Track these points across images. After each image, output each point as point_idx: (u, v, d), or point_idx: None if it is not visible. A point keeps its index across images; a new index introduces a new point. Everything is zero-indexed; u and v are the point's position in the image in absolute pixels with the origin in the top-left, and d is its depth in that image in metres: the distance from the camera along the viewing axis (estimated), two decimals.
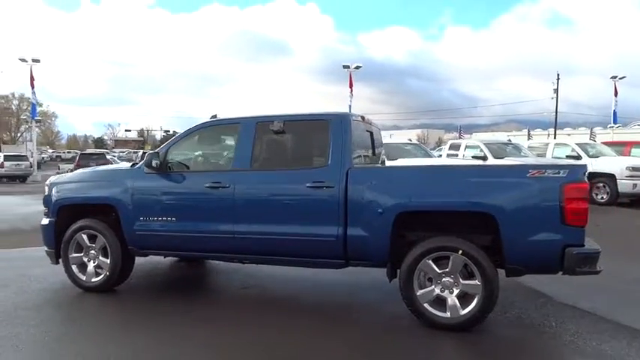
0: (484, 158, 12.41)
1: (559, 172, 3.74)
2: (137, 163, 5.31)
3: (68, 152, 61.97)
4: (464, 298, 3.94)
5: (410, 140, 15.60)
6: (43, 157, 47.85)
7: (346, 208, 4.17)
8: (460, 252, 3.87)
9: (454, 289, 3.96)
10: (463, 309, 3.91)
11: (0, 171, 25.08)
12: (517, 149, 13.50)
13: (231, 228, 4.51)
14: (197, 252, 4.88)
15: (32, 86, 29.86)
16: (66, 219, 5.14)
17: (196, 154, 5.06)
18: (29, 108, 49.77)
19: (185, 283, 5.64)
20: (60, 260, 5.16)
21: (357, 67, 31.25)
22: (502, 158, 12.21)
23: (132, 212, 4.83)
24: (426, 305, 3.99)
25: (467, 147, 13.34)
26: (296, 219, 4.35)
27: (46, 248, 5.28)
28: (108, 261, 4.97)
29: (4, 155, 27.70)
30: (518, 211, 3.78)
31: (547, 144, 14.70)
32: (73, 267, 5.12)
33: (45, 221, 5.26)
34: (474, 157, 12.45)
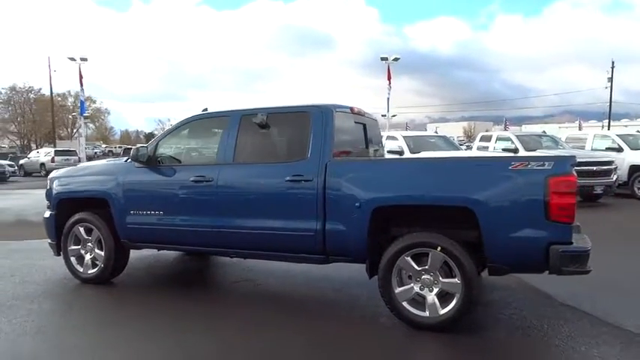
0: (515, 151, 11.90)
1: (544, 165, 3.47)
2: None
3: (119, 147, 64.43)
4: (444, 297, 3.74)
5: (435, 132, 15.16)
6: (95, 152, 49.96)
7: (324, 202, 4.05)
8: (439, 249, 3.68)
9: (434, 287, 3.77)
10: (443, 308, 3.72)
11: (51, 165, 26.36)
12: (553, 141, 12.84)
13: (215, 222, 4.48)
14: (184, 246, 4.90)
15: (81, 84, 31.26)
16: (65, 212, 5.28)
17: (185, 147, 5.06)
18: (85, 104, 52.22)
19: (181, 276, 5.69)
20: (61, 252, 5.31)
21: (396, 59, 30.74)
22: (534, 150, 11.66)
23: (123, 206, 4.89)
24: (404, 304, 3.82)
25: (498, 139, 12.80)
26: (276, 213, 4.27)
27: (49, 240, 5.45)
28: (103, 253, 5.07)
29: (55, 150, 29.71)
30: (500, 206, 3.54)
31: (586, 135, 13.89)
32: (72, 259, 5.26)
33: (47, 214, 5.43)
34: (504, 150, 11.95)
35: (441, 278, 3.73)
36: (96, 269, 5.13)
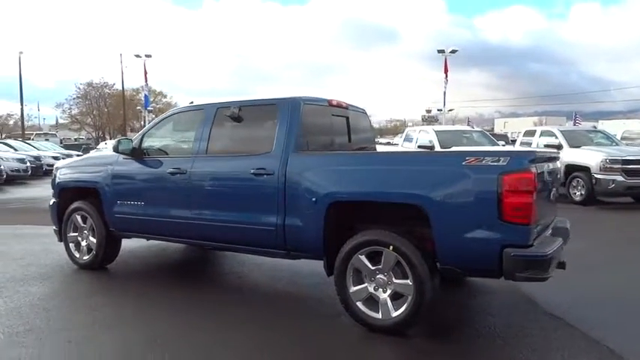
0: (559, 147, 11.13)
1: (499, 160, 3.19)
2: None
3: None
4: (399, 299, 3.56)
5: (485, 129, 14.49)
6: None
7: (285, 196, 3.97)
8: (391, 248, 3.50)
9: (387, 288, 3.59)
10: (395, 310, 3.54)
11: None
12: (605, 137, 11.90)
13: (187, 214, 4.53)
14: (163, 236, 4.99)
15: (145, 79, 33.01)
16: (66, 200, 5.55)
17: (167, 140, 5.14)
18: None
19: (172, 265, 5.82)
20: None
21: (453, 52, 29.75)
22: (579, 147, 10.87)
23: (111, 196, 5.06)
24: (358, 304, 3.67)
25: (542, 134, 12.02)
26: (240, 206, 4.25)
27: (54, 227, 5.75)
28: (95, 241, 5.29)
29: None
30: (451, 204, 3.31)
31: None
32: (71, 245, 5.52)
33: (51, 202, 5.73)
34: (546, 146, 11.22)
35: (394, 279, 3.55)
36: (89, 256, 5.35)
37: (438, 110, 29.61)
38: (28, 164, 17.44)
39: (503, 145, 11.37)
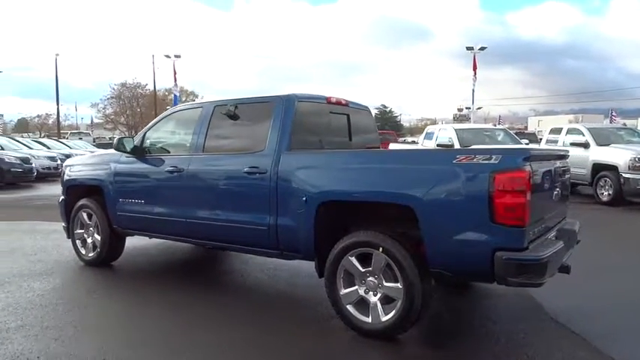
0: (586, 145, 10.71)
1: (490, 158, 3.02)
2: None
3: None
4: (391, 303, 3.43)
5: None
6: None
7: (277, 195, 3.89)
8: (381, 249, 3.37)
9: (378, 291, 3.47)
10: (386, 314, 3.42)
11: None
12: (637, 135, 11.36)
13: (184, 212, 4.51)
14: (163, 235, 4.97)
15: (174, 79, 33.58)
16: (73, 198, 5.62)
17: (168, 138, 5.13)
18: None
19: (175, 266, 5.80)
20: None
21: (482, 49, 29.16)
22: (607, 145, 10.42)
23: (113, 194, 5.09)
24: (348, 307, 3.56)
25: (568, 132, 11.57)
26: (235, 205, 4.20)
27: (63, 224, 5.84)
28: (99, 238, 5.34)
29: None
30: (441, 205, 3.16)
31: None
32: (78, 242, 5.60)
33: (60, 199, 5.82)
34: (573, 144, 10.80)
35: (384, 282, 3.43)
36: (95, 252, 5.41)
37: (467, 108, 28.96)
38: (59, 162, 17.90)
39: (527, 144, 11.00)
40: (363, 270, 3.50)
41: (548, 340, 3.52)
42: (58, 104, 40.15)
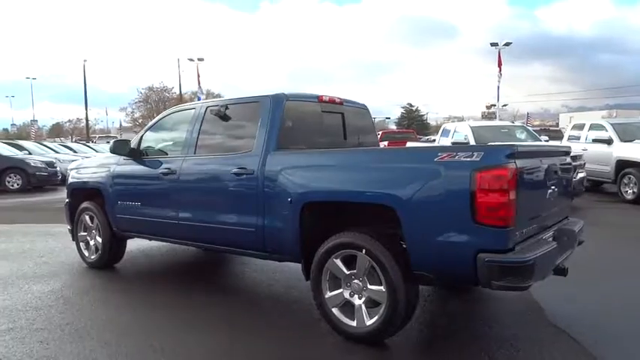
0: (609, 141, 10.31)
1: (472, 156, 2.89)
2: None
3: None
4: (376, 306, 3.32)
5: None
6: None
7: (263, 196, 3.83)
8: (364, 251, 3.27)
9: (362, 294, 3.37)
10: (370, 318, 3.31)
11: None
12: None
13: (177, 214, 4.50)
14: (160, 237, 4.98)
15: (198, 82, 34.00)
16: (77, 200, 5.69)
17: (163, 140, 5.12)
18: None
19: (176, 268, 5.80)
20: None
21: (507, 44, 28.58)
22: (632, 141, 10.00)
23: (112, 196, 5.13)
24: (334, 310, 3.47)
25: (591, 127, 11.15)
26: (224, 207, 4.17)
27: (68, 226, 5.92)
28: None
29: None
30: (423, 205, 3.04)
31: None
32: (81, 244, 5.66)
33: (65, 202, 5.90)
34: (595, 141, 10.42)
35: (368, 285, 3.32)
36: (97, 255, 5.45)
37: (492, 105, 28.41)
38: None
39: (546, 141, 10.65)
40: (348, 272, 3.40)
41: (544, 345, 3.35)
42: (86, 109, 41.27)
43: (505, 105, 32.20)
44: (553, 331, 3.59)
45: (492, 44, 28.46)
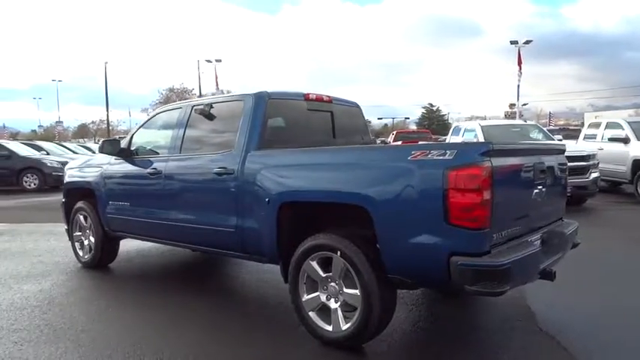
0: (625, 140, 9.95)
1: (445, 154, 2.76)
2: None
3: None
4: (354, 310, 3.20)
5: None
6: None
7: (243, 196, 3.76)
8: (339, 253, 3.16)
9: (339, 297, 3.26)
10: (346, 323, 3.20)
11: None
12: None
13: (162, 214, 4.46)
14: (148, 237, 4.94)
15: (216, 83, 34.20)
16: (72, 200, 5.71)
17: (151, 139, 5.08)
18: None
19: (171, 268, 5.77)
20: None
21: (527, 42, 28.03)
22: None
23: (103, 196, 5.12)
24: (311, 314, 3.37)
25: (607, 126, 10.78)
26: (206, 207, 4.10)
27: (65, 226, 5.95)
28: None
29: None
30: (396, 205, 2.91)
31: None
32: (76, 244, 5.68)
33: (62, 202, 5.93)
34: (611, 140, 10.07)
35: (344, 288, 3.21)
36: (90, 255, 5.46)
37: (512, 105, 27.91)
38: None
39: (560, 140, 10.33)
40: (324, 275, 3.30)
41: (530, 352, 3.20)
42: (107, 109, 41.99)
43: (525, 104, 31.54)
44: (542, 338, 3.42)
45: (512, 42, 27.93)
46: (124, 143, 5.03)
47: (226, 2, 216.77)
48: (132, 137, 5.04)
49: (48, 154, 18.02)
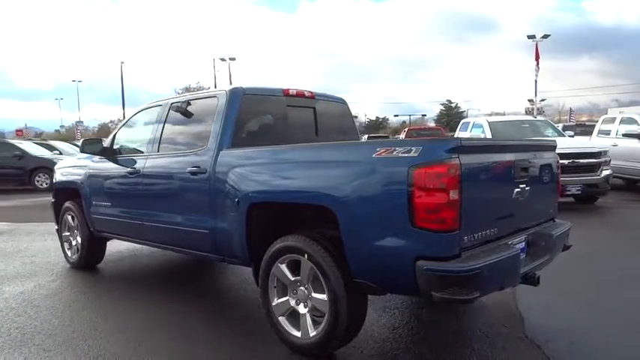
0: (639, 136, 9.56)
1: (410, 151, 2.57)
2: None
3: None
4: (323, 316, 3.04)
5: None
6: None
7: (215, 197, 3.62)
8: (306, 256, 3.00)
9: (308, 302, 3.10)
10: (315, 329, 3.04)
11: None
12: None
13: (140, 215, 4.36)
14: (129, 238, 4.84)
15: (230, 82, 34.22)
16: (61, 200, 5.65)
17: (132, 137, 4.97)
18: None
19: (158, 270, 5.68)
20: None
21: (545, 37, 27.40)
22: None
23: (87, 195, 5.05)
24: (280, 319, 3.23)
25: (622, 121, 10.37)
26: (181, 207, 3.99)
27: (56, 226, 5.91)
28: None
29: None
30: (360, 206, 2.74)
31: None
32: (65, 244, 5.63)
33: (51, 202, 5.88)
34: (625, 135, 9.69)
35: (312, 293, 3.05)
36: (77, 255, 5.40)
37: (529, 100, 27.32)
38: None
39: (571, 137, 9.98)
40: (293, 279, 3.15)
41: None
42: (123, 108, 42.24)
43: (543, 100, 30.84)
44: (527, 347, 3.21)
45: (529, 37, 27.32)
46: (107, 142, 4.95)
47: (247, 2, 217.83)
48: (114, 136, 4.96)
49: (61, 153, 18.20)
